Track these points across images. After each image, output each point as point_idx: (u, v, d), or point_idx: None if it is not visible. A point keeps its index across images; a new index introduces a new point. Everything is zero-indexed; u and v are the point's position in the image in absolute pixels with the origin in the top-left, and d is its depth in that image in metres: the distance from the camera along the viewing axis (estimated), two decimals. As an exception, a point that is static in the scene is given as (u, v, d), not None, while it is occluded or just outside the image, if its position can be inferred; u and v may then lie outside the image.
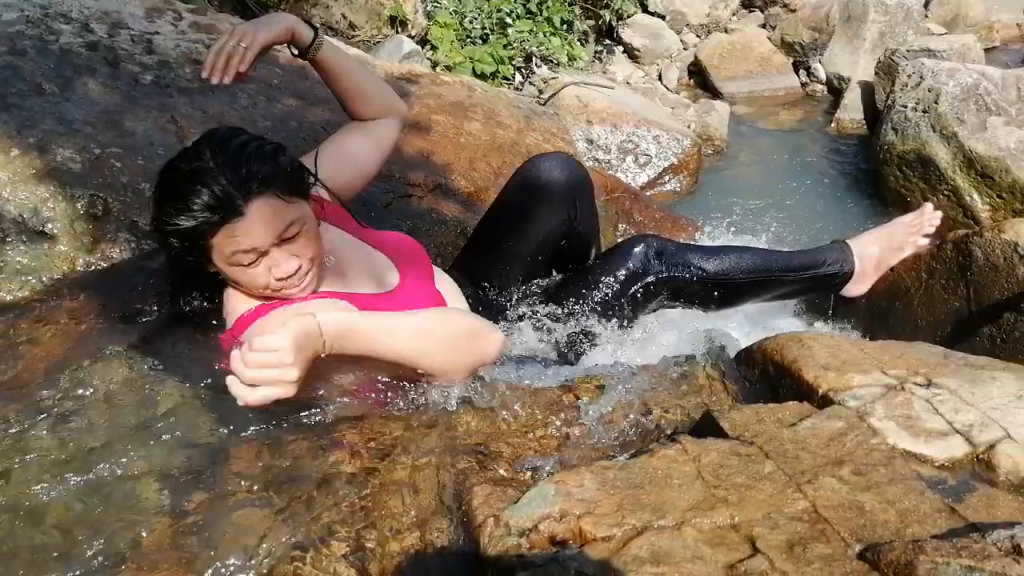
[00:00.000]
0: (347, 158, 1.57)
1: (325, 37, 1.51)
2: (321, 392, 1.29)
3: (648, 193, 3.64)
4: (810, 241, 2.57)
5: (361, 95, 1.58)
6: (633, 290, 1.62)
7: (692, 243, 1.75)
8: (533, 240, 1.68)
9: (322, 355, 1.18)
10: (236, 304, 1.32)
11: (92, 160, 1.66)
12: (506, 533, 1.00)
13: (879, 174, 3.67)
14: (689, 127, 4.23)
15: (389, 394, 1.32)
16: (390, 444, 1.24)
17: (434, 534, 1.08)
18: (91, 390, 1.26)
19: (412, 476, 1.18)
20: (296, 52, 1.50)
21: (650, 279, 1.63)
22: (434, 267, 1.62)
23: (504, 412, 1.26)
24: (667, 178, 3.89)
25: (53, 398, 1.24)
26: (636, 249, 1.64)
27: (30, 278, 1.48)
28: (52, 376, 1.29)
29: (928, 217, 1.83)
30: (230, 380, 1.08)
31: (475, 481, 1.13)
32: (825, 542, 0.88)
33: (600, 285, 1.61)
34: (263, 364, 1.07)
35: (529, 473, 1.16)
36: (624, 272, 1.62)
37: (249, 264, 1.24)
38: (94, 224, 1.58)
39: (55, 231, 1.55)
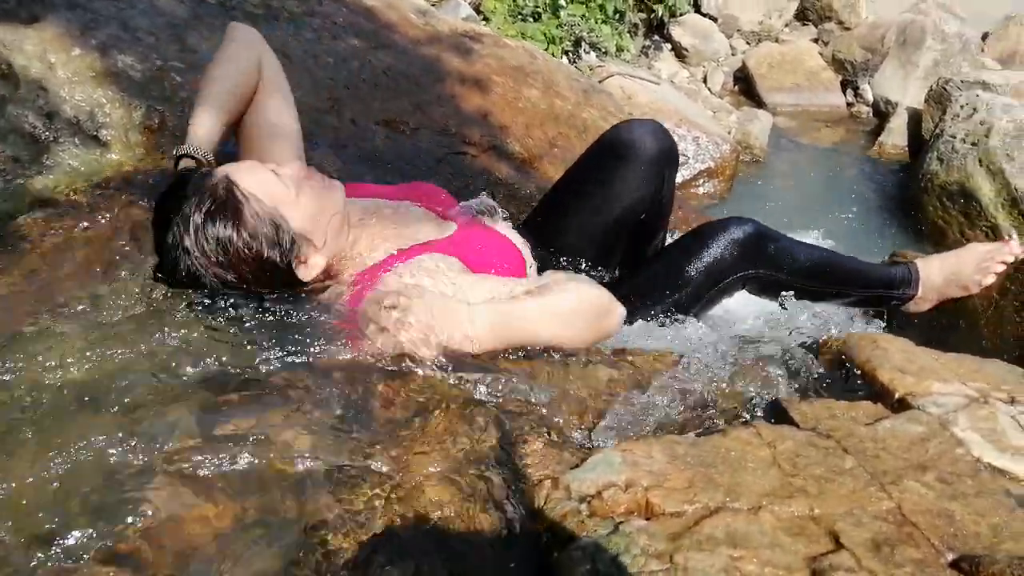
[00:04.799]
0: (275, 131, 1.42)
1: (188, 148, 1.30)
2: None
3: (680, 193, 3.59)
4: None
5: (245, 100, 1.39)
6: (726, 281, 1.45)
7: (790, 237, 1.54)
8: (616, 208, 1.51)
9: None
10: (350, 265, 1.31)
11: (153, 71, 1.60)
12: (566, 497, 0.95)
13: (917, 203, 3.61)
14: (729, 133, 4.17)
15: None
16: (429, 396, 1.19)
17: (475, 487, 1.02)
18: (110, 300, 1.21)
19: (451, 427, 1.12)
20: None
21: (750, 272, 1.45)
22: (498, 217, 1.52)
23: (559, 376, 1.21)
24: (702, 181, 3.84)
25: (75, 299, 1.19)
26: (737, 234, 1.44)
27: (78, 180, 1.42)
28: (77, 278, 1.24)
29: (1014, 251, 1.60)
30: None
31: (527, 439, 1.08)
32: (914, 546, 0.83)
33: (692, 269, 1.44)
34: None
35: (583, 441, 1.11)
36: (722, 256, 1.43)
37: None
38: (148, 136, 1.52)
39: (108, 138, 1.49)
